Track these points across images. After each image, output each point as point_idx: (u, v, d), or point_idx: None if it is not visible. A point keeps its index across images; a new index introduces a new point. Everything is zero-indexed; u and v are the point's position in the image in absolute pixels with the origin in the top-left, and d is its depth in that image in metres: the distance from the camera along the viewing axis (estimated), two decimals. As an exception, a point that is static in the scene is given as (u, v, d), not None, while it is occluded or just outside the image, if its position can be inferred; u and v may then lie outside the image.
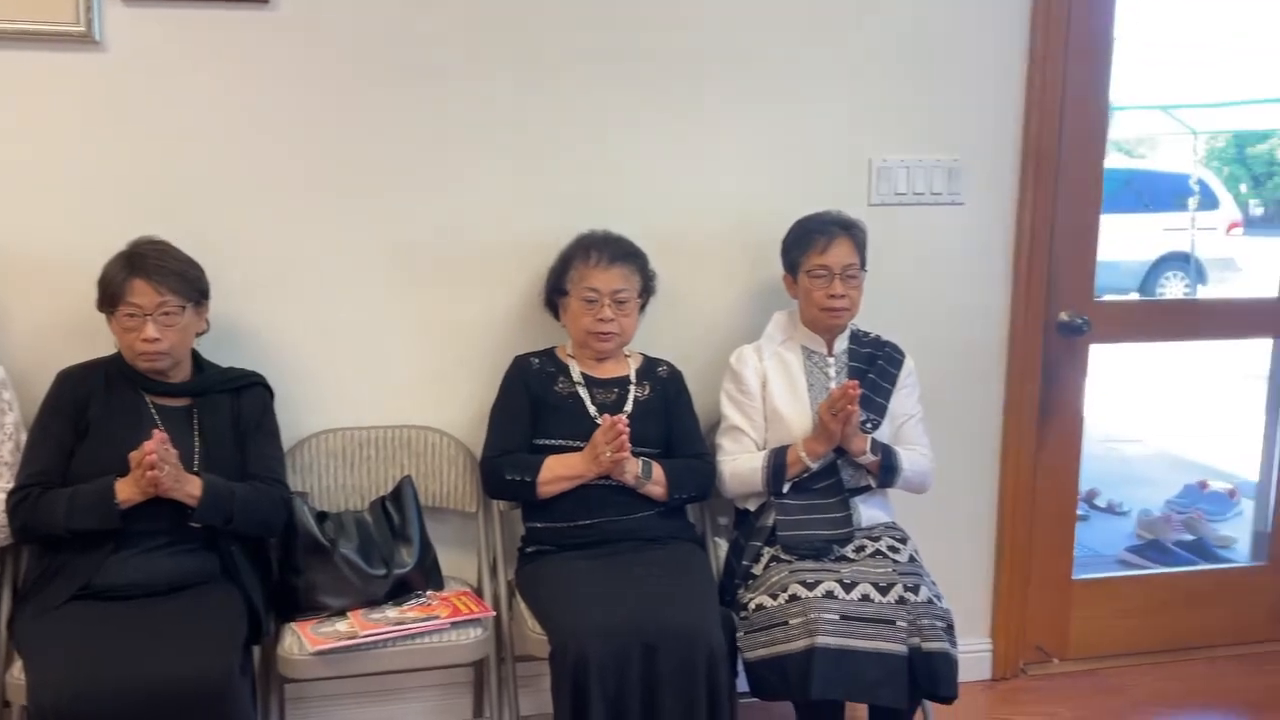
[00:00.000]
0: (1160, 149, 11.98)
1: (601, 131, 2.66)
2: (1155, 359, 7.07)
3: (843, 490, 2.53)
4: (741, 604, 2.42)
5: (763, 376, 2.59)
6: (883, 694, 2.26)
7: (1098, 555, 4.15)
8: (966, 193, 2.86)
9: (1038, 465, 3.05)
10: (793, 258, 2.59)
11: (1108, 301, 3.14)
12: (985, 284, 2.93)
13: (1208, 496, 4.60)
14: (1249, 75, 8.19)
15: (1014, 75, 2.83)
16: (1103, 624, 3.21)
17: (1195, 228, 9.69)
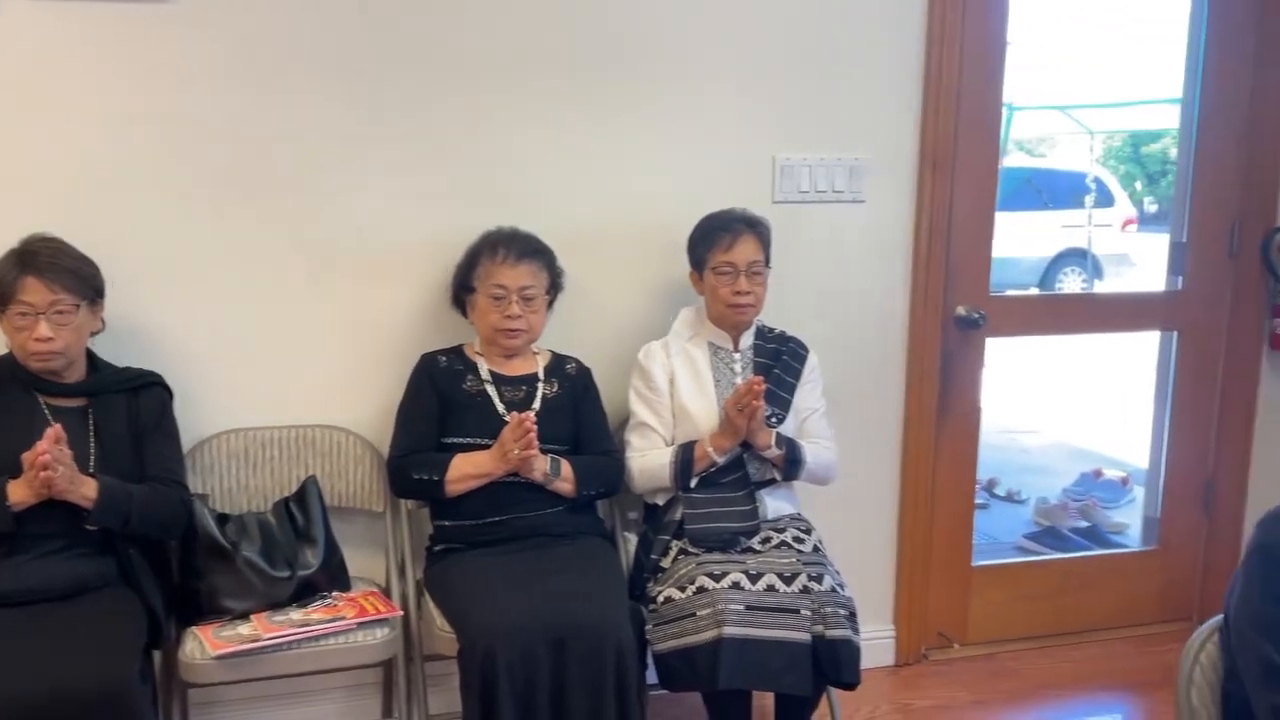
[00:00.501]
0: (1060, 148, 12.36)
1: (509, 130, 2.67)
2: (1054, 352, 7.31)
3: (749, 484, 2.57)
4: (650, 597, 2.45)
5: (670, 373, 2.62)
6: (787, 682, 2.31)
7: (997, 543, 4.27)
8: (867, 191, 2.93)
9: (937, 456, 3.13)
10: (699, 255, 2.63)
11: (1002, 296, 3.23)
12: (886, 280, 3.00)
13: (1102, 484, 4.77)
14: (1142, 76, 8.48)
15: (912, 76, 2.90)
16: (1001, 609, 3.31)
17: (1092, 224, 10.00)
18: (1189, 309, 3.31)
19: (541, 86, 2.67)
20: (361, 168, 2.59)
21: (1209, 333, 3.32)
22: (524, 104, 2.67)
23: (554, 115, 2.69)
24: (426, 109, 2.61)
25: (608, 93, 2.72)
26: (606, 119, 2.73)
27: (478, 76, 2.63)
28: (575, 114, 2.70)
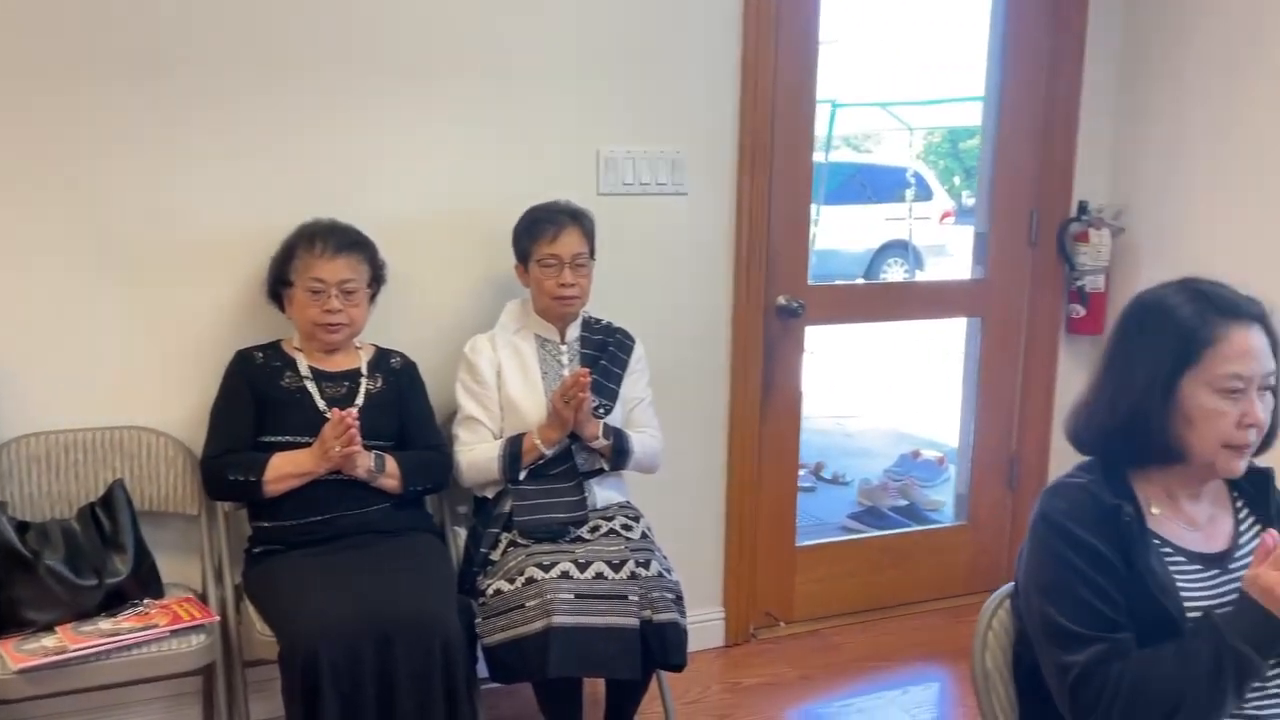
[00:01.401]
0: (884, 145, 12.86)
1: (328, 122, 2.61)
2: (876, 340, 7.62)
3: (577, 474, 2.59)
4: (480, 590, 2.44)
5: (497, 366, 2.62)
6: (617, 667, 2.34)
7: (823, 523, 4.43)
8: (690, 183, 2.99)
9: (762, 441, 3.23)
10: (523, 247, 2.63)
11: (820, 286, 3.35)
12: (709, 270, 3.07)
13: (920, 465, 5.00)
14: (955, 76, 8.91)
15: (729, 71, 2.97)
16: (825, 587, 3.44)
17: (913, 217, 10.47)
18: (992, 296, 3.51)
19: (361, 80, 2.62)
20: (169, 158, 2.49)
21: (1010, 318, 3.52)
22: (343, 97, 2.61)
23: (374, 108, 2.65)
24: (238, 100, 2.52)
25: (432, 86, 2.69)
26: (431, 112, 2.70)
27: (298, 70, 2.56)
28: (398, 107, 2.67)
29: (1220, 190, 3.18)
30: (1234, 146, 3.13)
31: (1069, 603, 1.53)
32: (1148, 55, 3.37)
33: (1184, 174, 3.29)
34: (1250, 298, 1.58)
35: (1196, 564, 1.58)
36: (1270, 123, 3.03)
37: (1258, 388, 1.54)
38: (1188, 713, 1.46)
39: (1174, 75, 3.29)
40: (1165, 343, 1.55)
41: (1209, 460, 1.56)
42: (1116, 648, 1.50)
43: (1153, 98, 3.37)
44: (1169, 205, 3.34)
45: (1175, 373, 1.54)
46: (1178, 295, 1.58)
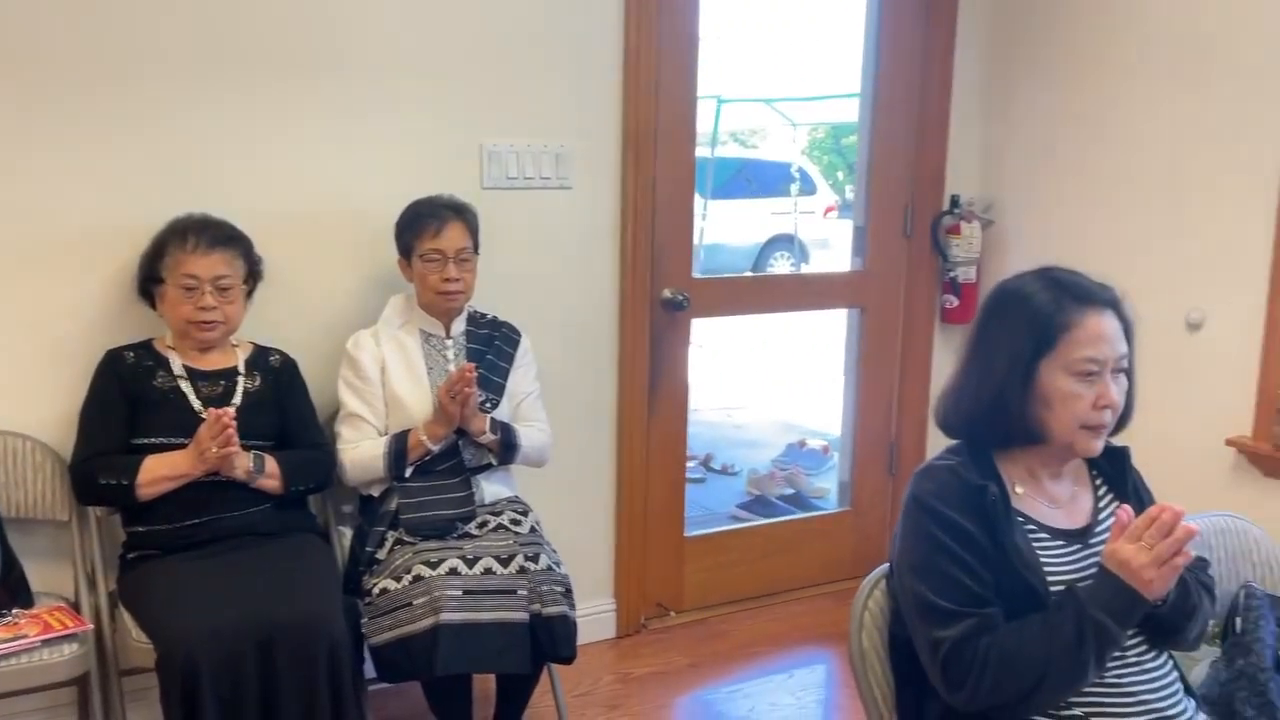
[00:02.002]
0: (770, 140, 13.05)
1: (201, 115, 2.54)
2: (765, 332, 7.74)
3: (465, 470, 2.58)
4: (366, 590, 2.41)
5: (381, 361, 2.59)
6: (506, 661, 2.34)
7: (713, 513, 4.49)
8: (574, 177, 3.00)
9: (650, 433, 3.26)
10: (406, 241, 2.60)
11: (704, 278, 3.39)
12: (595, 264, 3.08)
13: (806, 454, 5.10)
14: (835, 73, 9.09)
15: (612, 66, 2.99)
16: (713, 576, 3.49)
17: (798, 211, 10.65)
18: (870, 287, 3.60)
19: (236, 72, 2.56)
20: (27, 150, 2.39)
21: (888, 309, 3.62)
22: (217, 89, 2.55)
23: (250, 101, 2.59)
24: (101, 91, 2.44)
25: (307, 79, 2.64)
26: (307, 105, 2.65)
27: (162, 59, 2.48)
28: (277, 101, 2.61)
29: (1082, 184, 3.33)
30: (1094, 142, 3.28)
31: (939, 580, 1.59)
32: (1014, 55, 3.50)
33: (1048, 169, 3.43)
34: (1103, 285, 1.66)
35: (1059, 540, 1.65)
36: (1126, 119, 3.18)
37: (1111, 370, 1.62)
38: (1053, 681, 1.53)
39: (1038, 75, 3.43)
40: (1024, 329, 1.62)
41: (1068, 440, 1.63)
42: (985, 622, 1.56)
43: (1018, 96, 3.50)
44: (1035, 199, 3.48)
45: (1034, 358, 1.61)
46: (1035, 284, 1.66)
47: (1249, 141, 2.89)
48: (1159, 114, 3.11)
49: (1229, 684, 1.92)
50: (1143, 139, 3.15)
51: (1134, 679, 1.60)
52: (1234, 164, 2.93)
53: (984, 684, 1.53)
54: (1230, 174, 2.94)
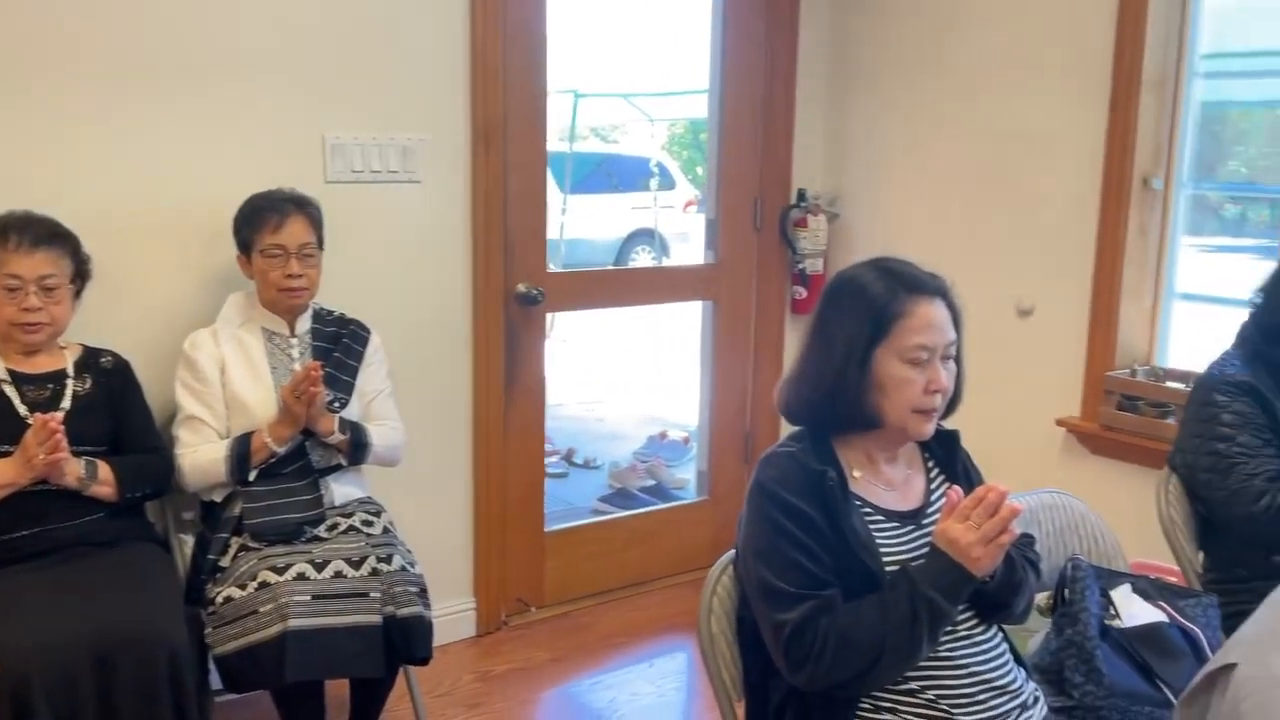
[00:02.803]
0: (631, 135, 13.12)
1: (27, 109, 2.41)
2: (627, 325, 7.79)
3: (312, 472, 2.52)
4: (210, 599, 2.33)
5: (220, 362, 2.50)
6: (359, 666, 2.29)
7: (575, 508, 4.50)
8: (423, 171, 2.95)
9: (507, 428, 3.24)
10: (245, 237, 2.52)
11: (559, 272, 3.39)
12: (447, 259, 3.05)
13: (666, 445, 5.16)
14: (693, 68, 9.19)
15: (458, 58, 2.96)
16: (574, 570, 3.49)
17: (658, 206, 10.75)
18: (722, 280, 3.66)
19: (64, 66, 2.45)
20: None
21: (740, 301, 3.69)
22: (42, 84, 2.42)
23: (78, 96, 2.47)
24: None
25: (138, 73, 2.53)
26: (139, 99, 2.54)
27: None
28: (104, 94, 2.50)
29: (920, 178, 3.45)
30: (930, 139, 3.41)
31: (781, 564, 1.63)
32: (855, 54, 3.61)
33: (888, 164, 3.55)
34: (933, 274, 1.72)
35: (894, 521, 1.71)
36: (960, 116, 3.32)
37: (941, 356, 1.68)
38: (889, 658, 1.58)
39: (877, 72, 3.54)
40: (859, 318, 1.67)
41: (901, 425, 1.69)
42: (824, 604, 1.60)
43: (859, 93, 3.61)
44: (876, 192, 3.59)
45: (869, 345, 1.66)
46: (870, 274, 1.71)
47: (1073, 140, 3.05)
48: (990, 112, 3.24)
49: (1059, 653, 2.02)
50: (975, 136, 3.29)
51: (965, 652, 1.66)
52: (1059, 160, 3.09)
53: (824, 664, 1.57)
54: (1056, 169, 3.10)
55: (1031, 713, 1.70)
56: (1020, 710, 1.69)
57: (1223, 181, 3.16)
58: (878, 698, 1.64)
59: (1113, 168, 2.94)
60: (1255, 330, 2.22)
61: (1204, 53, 2.97)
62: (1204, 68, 2.98)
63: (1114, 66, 2.91)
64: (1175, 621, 2.05)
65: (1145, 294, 3.04)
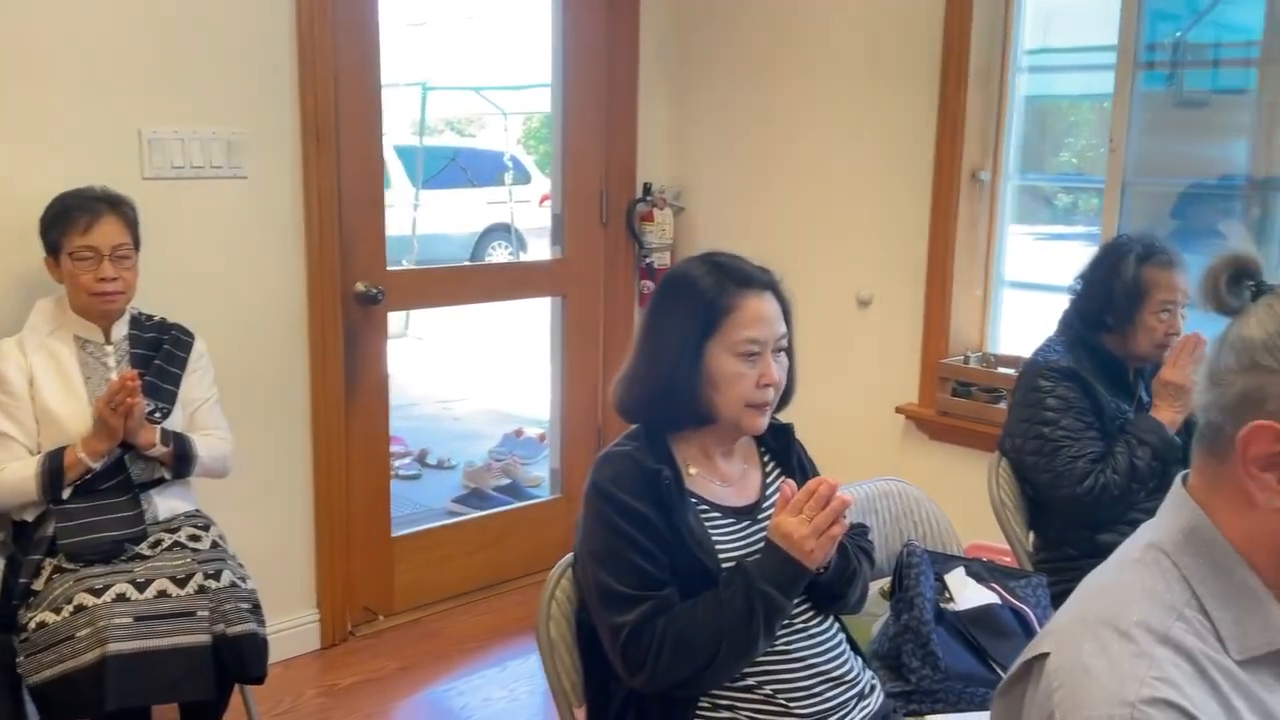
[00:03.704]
0: (488, 129, 12.95)
1: None
2: (484, 322, 7.68)
3: (133, 486, 2.38)
4: (21, 625, 2.18)
5: (29, 373, 2.34)
6: (186, 689, 2.18)
7: (429, 510, 4.41)
8: (250, 166, 2.82)
9: (349, 431, 3.13)
10: (53, 239, 2.36)
11: (399, 270, 3.30)
12: (279, 258, 2.92)
13: (522, 443, 5.10)
14: (536, 61, 9.12)
15: (285, 50, 2.84)
16: (425, 574, 3.41)
17: (513, 201, 10.64)
18: (570, 275, 3.62)
19: None
20: None
21: (588, 295, 3.66)
22: None
23: None
24: None
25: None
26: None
27: None
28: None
29: (762, 173, 3.49)
30: (771, 135, 3.45)
31: (618, 566, 1.60)
32: (696, 51, 3.62)
33: (731, 158, 3.57)
34: (763, 268, 1.72)
35: (730, 517, 1.70)
36: (798, 113, 3.36)
37: (772, 350, 1.68)
38: (727, 655, 1.57)
39: (718, 68, 3.56)
40: (689, 313, 1.65)
41: (735, 419, 1.68)
42: (661, 604, 1.58)
43: (701, 88, 3.62)
44: (720, 186, 3.61)
45: (700, 340, 1.65)
46: (699, 269, 1.70)
47: (905, 134, 3.12)
48: (828, 105, 3.30)
49: (896, 638, 2.05)
50: (814, 132, 3.34)
51: (801, 644, 1.67)
52: (893, 153, 3.16)
53: (661, 664, 1.56)
54: (890, 162, 3.17)
55: (868, 702, 1.72)
56: (857, 699, 1.70)
57: (1056, 173, 3.29)
58: (716, 696, 1.63)
59: (943, 160, 3.02)
60: (1076, 316, 2.30)
61: (1028, 48, 3.08)
62: (1028, 62, 3.09)
63: (942, 62, 2.99)
64: (1006, 602, 2.11)
65: (976, 283, 3.14)
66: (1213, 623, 0.94)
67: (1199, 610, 0.95)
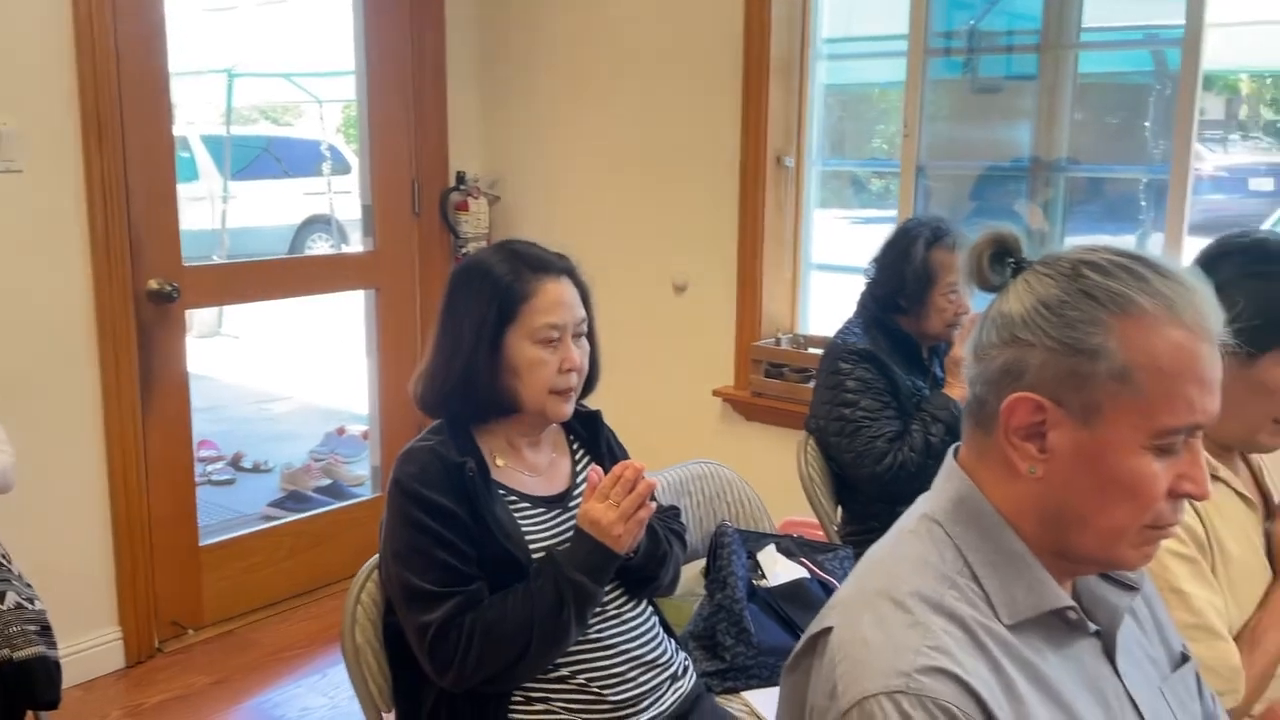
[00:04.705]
0: (305, 117, 12.49)
1: None
2: (303, 317, 7.43)
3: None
4: None
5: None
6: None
7: (243, 516, 4.22)
8: (24, 160, 2.63)
9: (147, 438, 2.97)
10: None
11: (196, 266, 3.14)
12: (60, 257, 2.74)
13: (345, 441, 4.95)
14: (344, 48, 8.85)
15: (62, 38, 2.65)
16: (237, 583, 3.27)
17: (332, 191, 10.31)
18: (383, 268, 3.53)
19: None
20: None
21: (402, 288, 3.57)
22: None
23: None
24: None
25: None
26: None
27: None
28: None
29: (577, 161, 3.48)
30: (584, 124, 3.44)
31: (424, 564, 1.57)
32: (505, 37, 3.58)
33: (545, 145, 3.55)
34: (559, 254, 1.71)
35: (540, 507, 1.69)
36: (606, 98, 3.37)
37: (573, 335, 1.67)
38: (538, 645, 1.56)
39: (529, 57, 3.54)
40: (485, 302, 1.63)
41: (539, 407, 1.66)
42: (469, 599, 1.56)
43: (512, 77, 3.59)
44: (536, 175, 3.59)
45: (498, 329, 1.62)
46: (494, 257, 1.67)
47: (713, 121, 3.16)
48: (639, 94, 3.31)
49: (710, 618, 2.08)
50: (625, 121, 3.35)
51: (614, 630, 1.67)
52: (703, 141, 3.20)
53: (470, 661, 1.53)
54: (700, 150, 3.21)
55: (681, 683, 1.74)
56: (670, 681, 1.72)
57: (869, 158, 3.39)
58: (529, 689, 1.61)
59: (748, 147, 3.07)
60: (871, 299, 2.38)
61: (827, 37, 3.17)
62: (828, 51, 3.17)
63: (744, 50, 3.04)
64: (816, 576, 2.17)
65: (785, 266, 3.21)
66: (984, 589, 0.97)
67: (971, 577, 0.98)
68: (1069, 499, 0.96)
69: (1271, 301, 1.36)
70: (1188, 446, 0.95)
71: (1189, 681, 1.14)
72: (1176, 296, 0.92)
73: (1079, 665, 1.00)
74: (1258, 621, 1.42)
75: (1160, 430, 0.92)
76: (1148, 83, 2.97)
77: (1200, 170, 4.86)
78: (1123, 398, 0.92)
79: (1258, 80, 5.06)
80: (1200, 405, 0.93)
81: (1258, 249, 1.42)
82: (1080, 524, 0.96)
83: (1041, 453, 0.96)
